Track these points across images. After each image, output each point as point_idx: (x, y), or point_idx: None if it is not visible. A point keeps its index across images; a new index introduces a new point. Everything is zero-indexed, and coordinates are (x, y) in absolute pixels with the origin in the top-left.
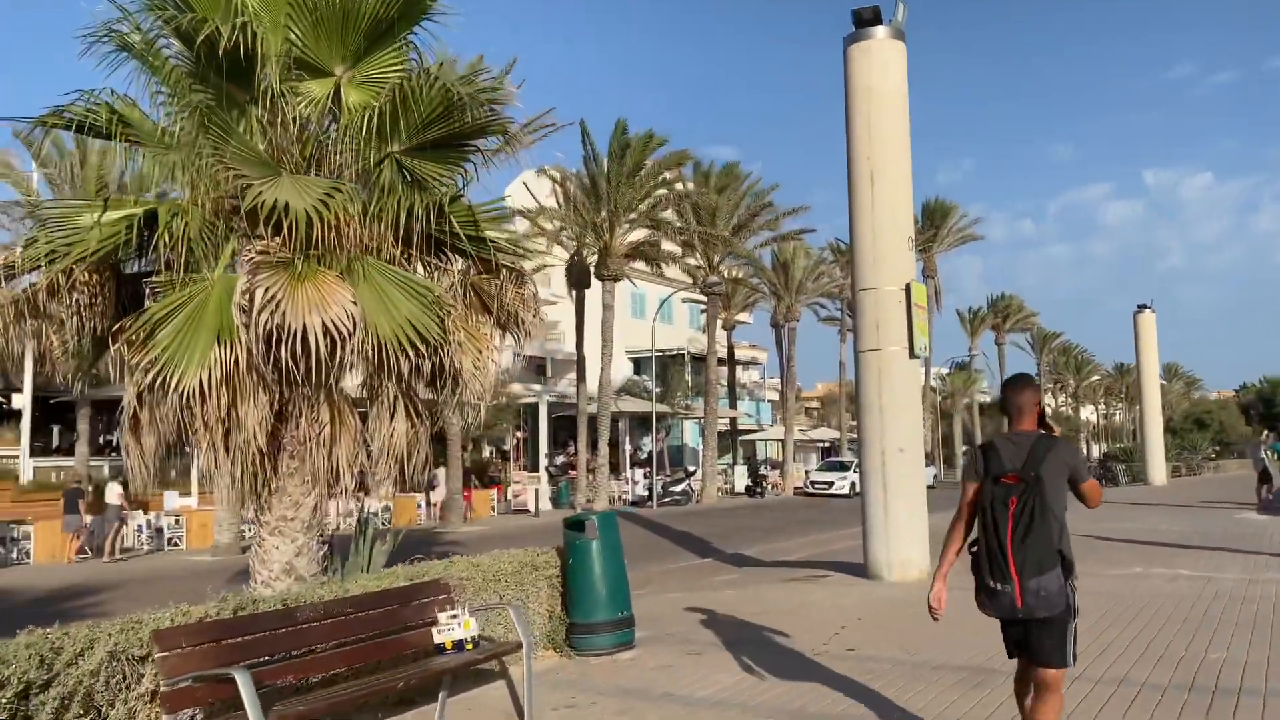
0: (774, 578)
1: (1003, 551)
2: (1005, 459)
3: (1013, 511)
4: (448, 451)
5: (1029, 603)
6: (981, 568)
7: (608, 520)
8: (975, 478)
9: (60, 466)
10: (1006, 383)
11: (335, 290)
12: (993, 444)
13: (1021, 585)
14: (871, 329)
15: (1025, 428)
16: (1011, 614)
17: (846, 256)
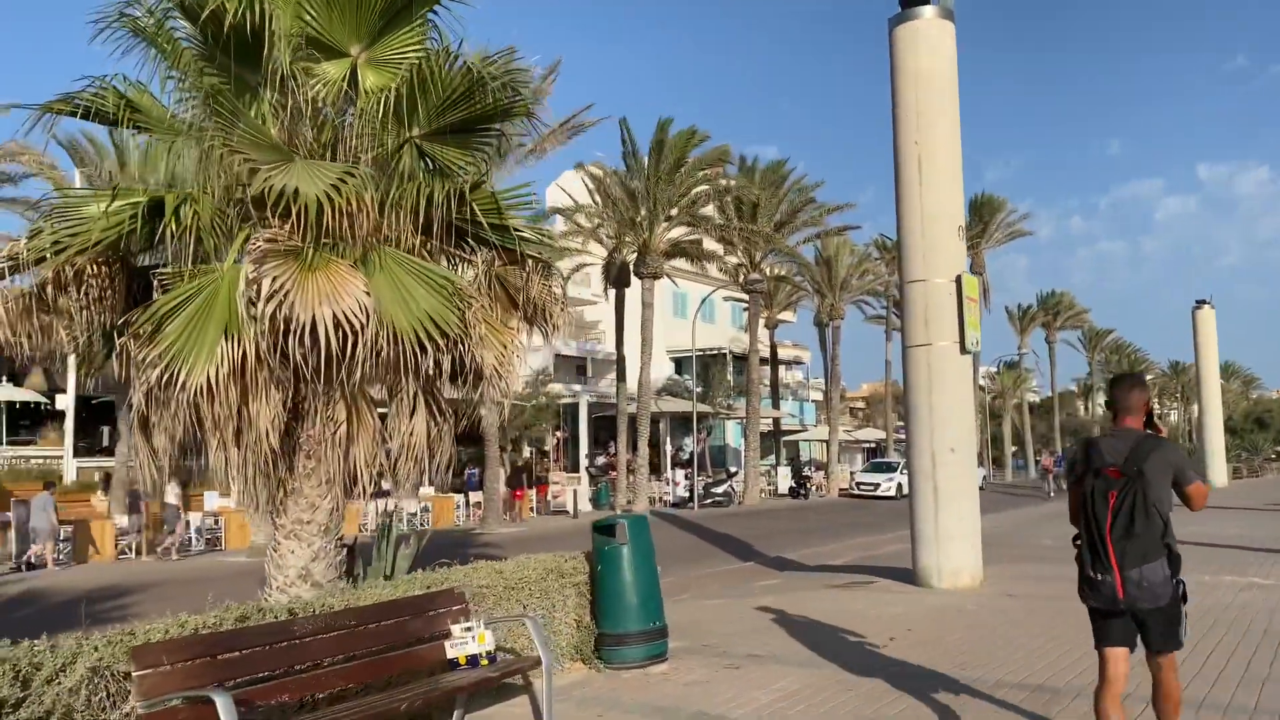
0: (817, 584)
1: (1103, 543)
2: (1107, 454)
3: (1112, 505)
4: (485, 452)
5: (1130, 593)
6: (1084, 559)
7: (638, 524)
8: (1077, 473)
9: (103, 466)
10: (1115, 380)
11: (348, 281)
12: (1095, 439)
13: (1122, 576)
14: (920, 323)
15: (1132, 425)
16: (1113, 604)
17: (892, 253)
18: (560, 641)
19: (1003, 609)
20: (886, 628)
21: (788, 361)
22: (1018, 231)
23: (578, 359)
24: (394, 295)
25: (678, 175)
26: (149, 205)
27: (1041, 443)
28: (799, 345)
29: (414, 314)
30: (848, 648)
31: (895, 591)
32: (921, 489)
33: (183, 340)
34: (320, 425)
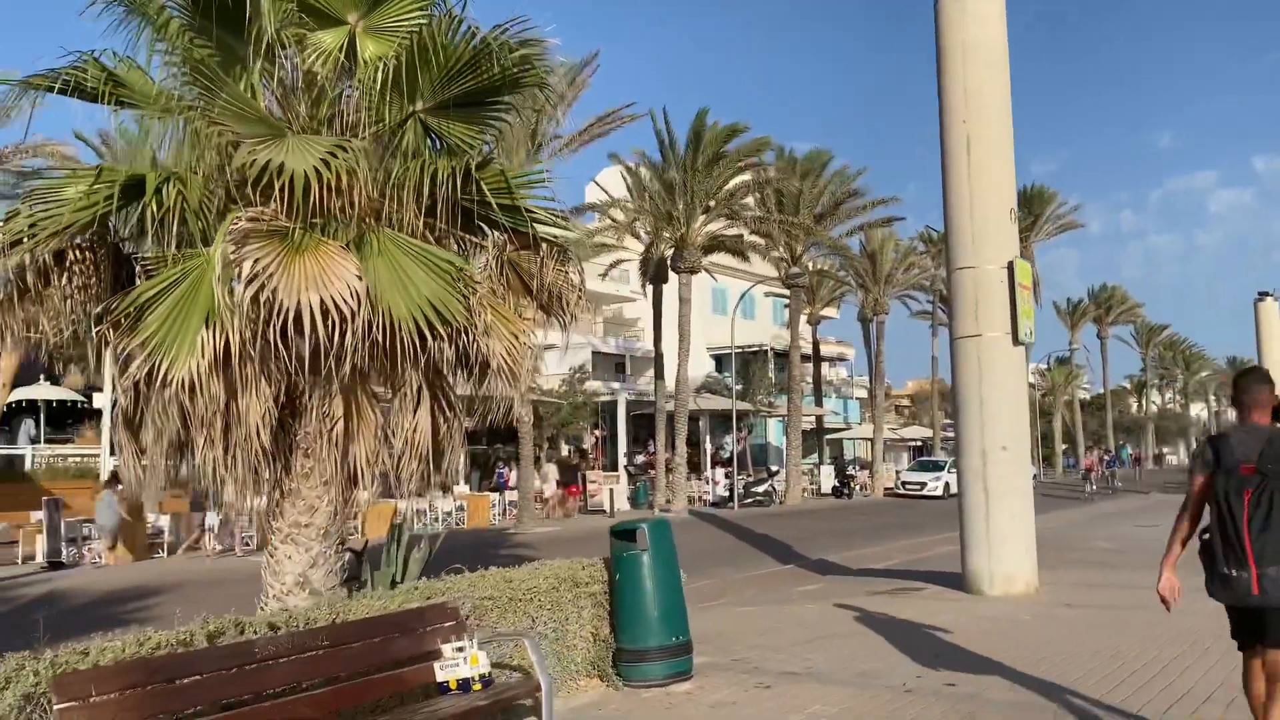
0: (860, 589)
1: (1239, 540)
2: (1239, 450)
3: (1248, 501)
4: (519, 450)
5: (1266, 589)
6: (1215, 555)
7: (660, 529)
8: (1205, 469)
9: None
10: (1241, 375)
11: (338, 263)
12: (1225, 435)
13: (1260, 572)
14: (969, 313)
15: (1260, 421)
16: (1245, 600)
17: (938, 245)
18: (575, 657)
19: (1061, 620)
20: (935, 641)
21: (831, 358)
22: (1068, 224)
23: (616, 356)
24: (392, 280)
25: (715, 167)
26: (129, 185)
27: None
28: (842, 342)
29: (413, 300)
30: (892, 664)
31: (944, 599)
32: (971, 489)
33: (165, 330)
34: (316, 421)
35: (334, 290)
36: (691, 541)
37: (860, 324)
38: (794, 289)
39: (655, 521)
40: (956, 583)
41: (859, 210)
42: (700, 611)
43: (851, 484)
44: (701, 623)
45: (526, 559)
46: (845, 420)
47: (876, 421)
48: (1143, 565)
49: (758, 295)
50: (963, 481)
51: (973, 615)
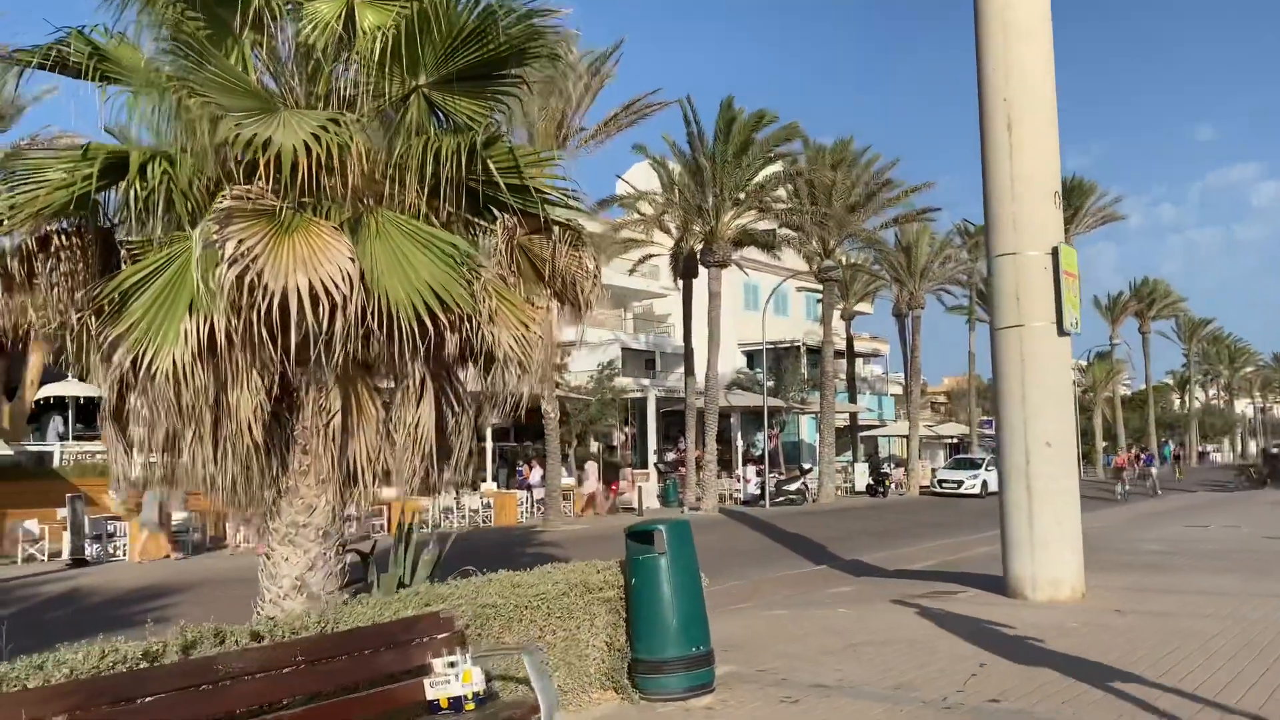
0: (895, 592)
1: None
2: None
3: None
4: (545, 447)
5: None
6: None
7: (679, 531)
8: None
9: None
10: None
11: (330, 245)
12: None
13: None
14: (1011, 302)
15: None
16: None
17: (975, 238)
18: (588, 668)
19: (1113, 628)
20: (975, 650)
21: (865, 354)
22: (1110, 215)
23: (646, 353)
24: (390, 263)
25: (744, 157)
26: (113, 165)
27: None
28: (877, 338)
29: (413, 285)
30: (931, 676)
31: (984, 604)
32: (1013, 488)
33: (149, 317)
34: (312, 415)
35: (324, 273)
36: (721, 541)
37: (895, 319)
38: (827, 283)
39: (674, 523)
40: (997, 586)
41: (893, 201)
42: (728, 615)
43: (886, 482)
44: (728, 627)
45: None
46: (880, 417)
47: (912, 418)
48: (1197, 568)
49: (790, 291)
50: (1004, 480)
51: (1016, 623)
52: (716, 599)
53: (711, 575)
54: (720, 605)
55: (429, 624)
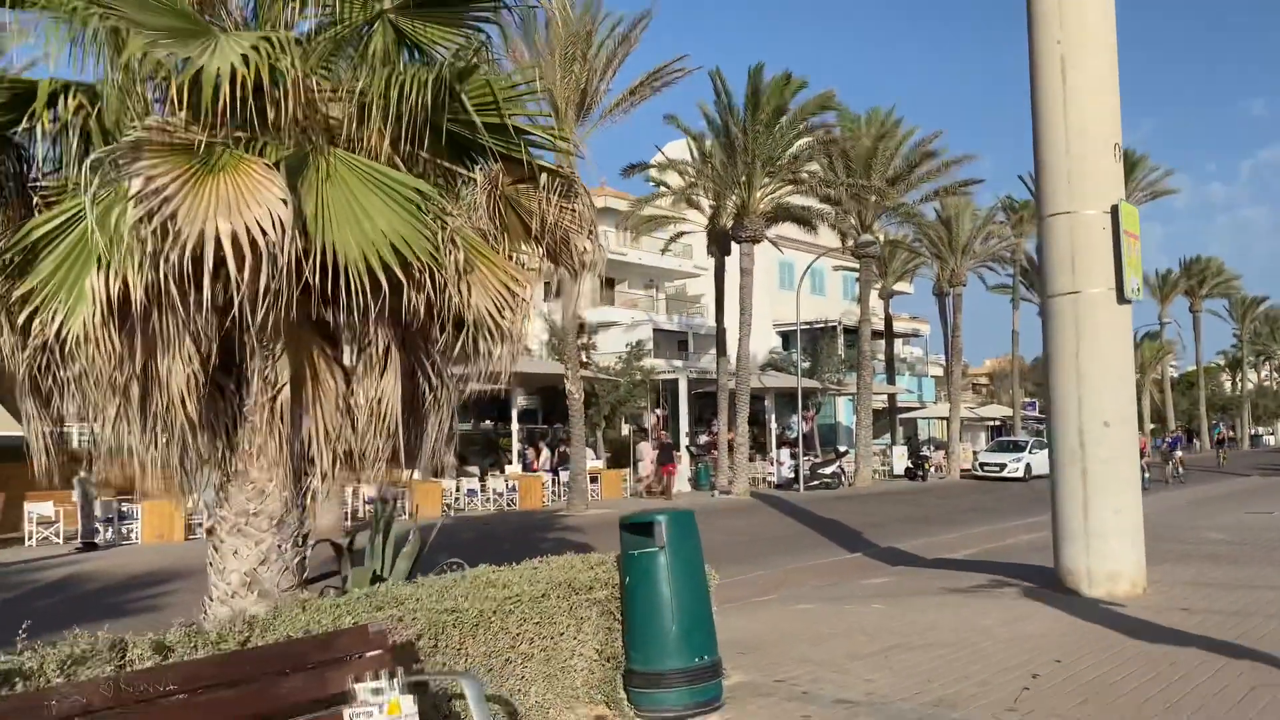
0: (935, 584)
1: None
2: None
3: None
4: (570, 429)
5: None
6: None
7: (682, 522)
8: None
9: None
10: None
11: (261, 185)
12: None
13: None
14: (1065, 266)
15: None
16: None
17: (1020, 213)
18: (572, 680)
19: (1183, 631)
20: (1026, 657)
21: (904, 334)
22: (1160, 190)
23: (679, 334)
24: (343, 211)
25: (777, 126)
26: (19, 95)
27: (1183, 420)
28: (916, 318)
29: (367, 235)
30: (974, 691)
31: (1033, 600)
32: (1067, 473)
33: (61, 274)
34: (257, 388)
35: (251, 217)
36: (751, 526)
37: (936, 298)
38: (864, 259)
39: (676, 513)
40: (1048, 579)
41: (934, 174)
42: (750, 608)
43: (926, 465)
44: (749, 623)
45: (568, 545)
46: (920, 399)
47: (953, 399)
48: (1267, 560)
49: (827, 269)
50: (1056, 465)
51: (1071, 623)
52: (740, 590)
53: (739, 563)
54: (744, 597)
55: (353, 640)
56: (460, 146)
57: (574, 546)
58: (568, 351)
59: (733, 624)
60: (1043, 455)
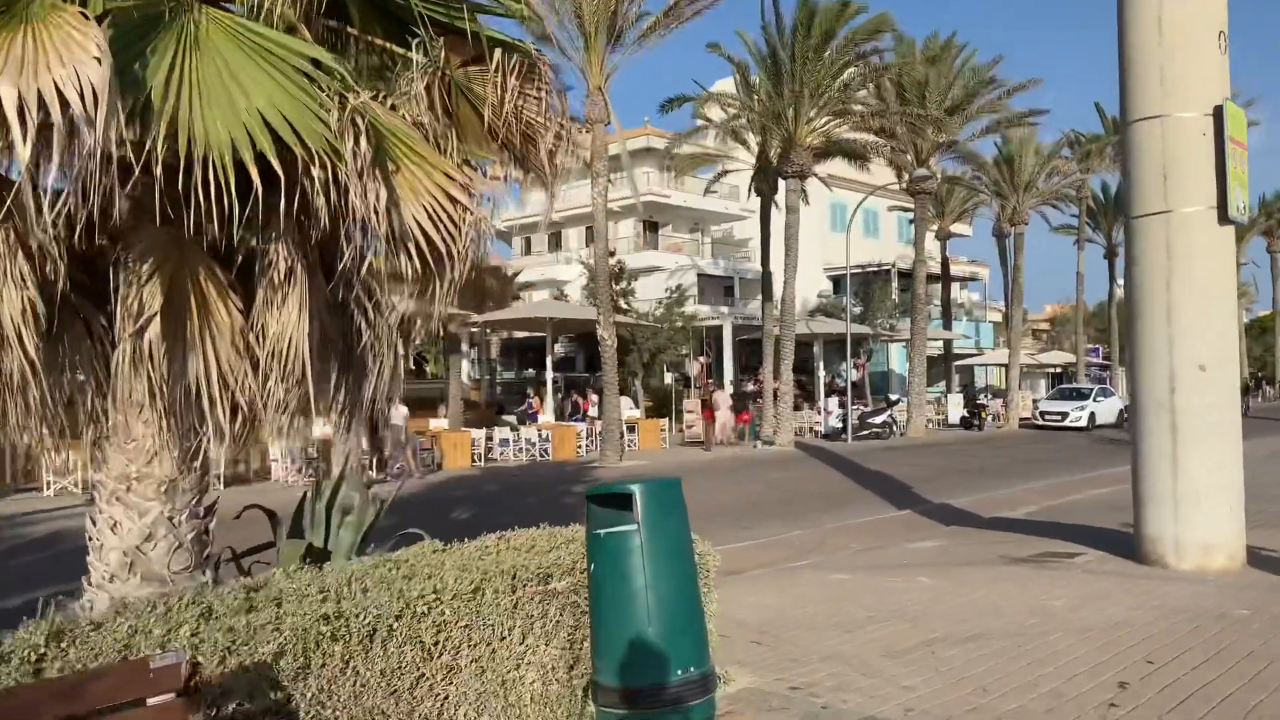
0: (991, 550)
1: None
2: None
3: None
4: (603, 376)
5: None
6: None
7: (663, 493)
8: None
9: None
10: None
11: (71, 40)
12: None
13: None
14: (1154, 181)
15: None
16: None
17: (1086, 146)
18: (519, 699)
19: None
20: (1107, 655)
21: (962, 278)
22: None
23: (724, 279)
24: (212, 85)
25: (826, 53)
26: None
27: (1257, 366)
28: (975, 261)
29: (239, 116)
30: (1042, 708)
31: (1110, 573)
32: (1152, 426)
33: None
34: (121, 319)
35: (48, 81)
36: (793, 479)
37: (995, 239)
38: (919, 196)
39: (659, 482)
40: (1123, 547)
41: (995, 105)
42: (778, 576)
43: (982, 414)
44: (773, 598)
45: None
46: (977, 345)
47: (1013, 345)
48: None
49: (881, 211)
50: (1140, 415)
51: (1157, 605)
52: (773, 553)
53: (776, 520)
54: (776, 561)
55: (122, 680)
56: (400, 23)
57: None
58: (600, 294)
59: (753, 599)
60: (1108, 404)
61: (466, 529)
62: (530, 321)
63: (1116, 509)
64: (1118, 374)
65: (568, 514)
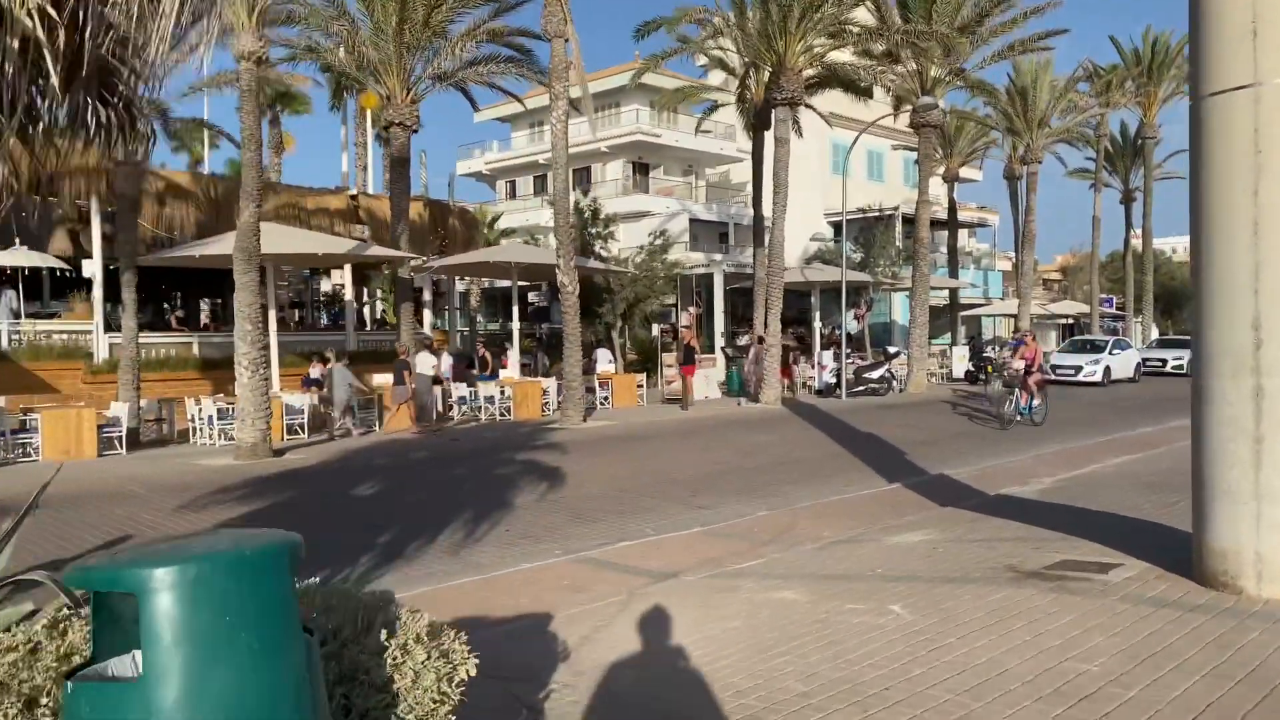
0: (994, 556)
1: None
2: None
3: None
4: (564, 326)
5: None
6: None
7: (233, 583)
8: None
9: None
10: None
11: None
12: None
13: None
14: (1236, 39)
15: None
16: None
17: (1106, 77)
18: None
19: None
20: None
21: (969, 224)
22: None
23: (719, 225)
24: None
25: None
26: None
27: None
28: (984, 207)
29: None
30: None
31: (1161, 605)
32: (1224, 390)
33: None
34: None
35: None
36: (773, 443)
37: (1006, 182)
38: (924, 130)
39: (222, 556)
40: (1170, 552)
41: (1009, 26)
42: (710, 587)
43: (989, 368)
44: (683, 628)
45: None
46: (985, 295)
47: (1023, 294)
48: None
49: (886, 152)
50: (1204, 376)
51: (1253, 674)
52: (720, 546)
53: (741, 495)
54: (720, 559)
55: None
56: None
57: (534, 474)
58: (559, 232)
59: (655, 634)
60: (1124, 357)
61: (327, 523)
62: (496, 268)
63: (1150, 488)
64: (1132, 325)
65: (493, 491)
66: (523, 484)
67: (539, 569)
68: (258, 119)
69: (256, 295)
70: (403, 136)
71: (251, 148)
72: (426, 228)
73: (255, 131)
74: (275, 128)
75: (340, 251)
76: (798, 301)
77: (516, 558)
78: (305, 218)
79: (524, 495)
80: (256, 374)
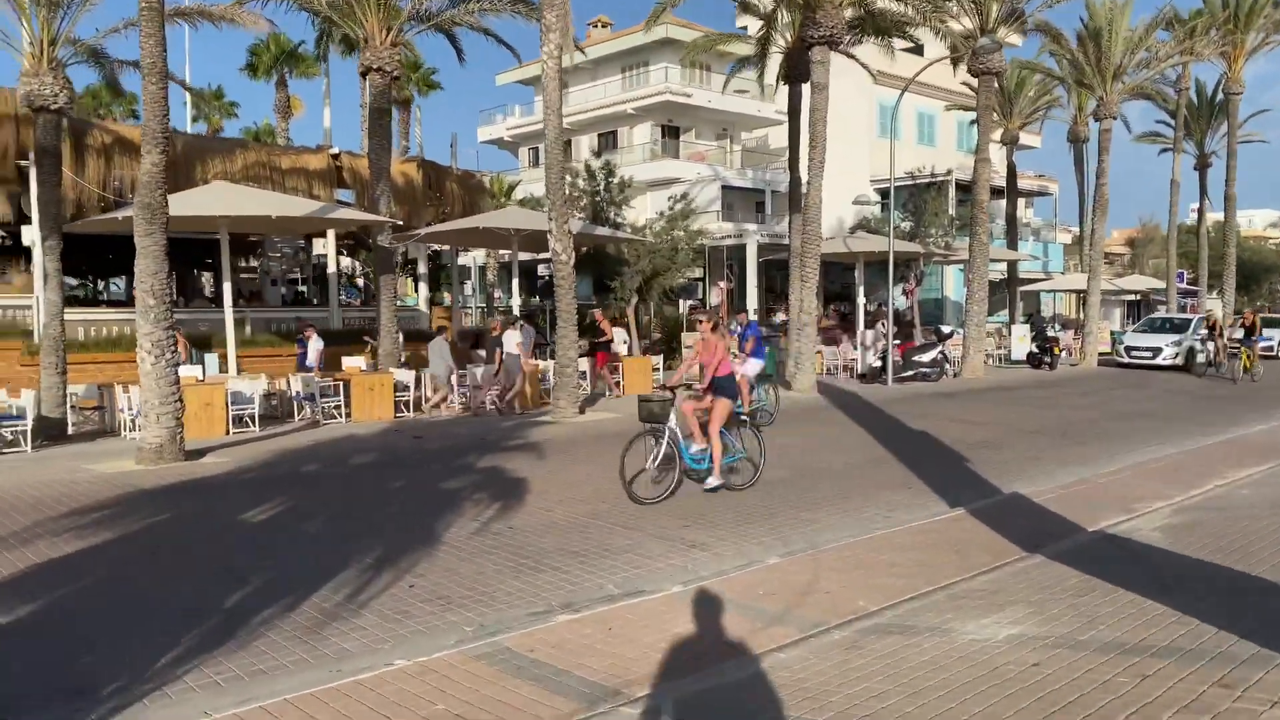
0: (1156, 687)
1: None
2: None
3: None
4: (557, 303)
5: None
6: None
7: None
8: None
9: (95, 320)
10: None
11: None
12: None
13: None
14: None
15: None
16: None
17: (1190, 23)
18: None
19: None
20: None
21: (1029, 193)
22: None
23: (755, 192)
24: None
25: None
26: None
27: None
28: (1044, 175)
29: None
30: None
31: None
32: None
33: None
34: None
35: None
36: (801, 445)
37: (1070, 145)
38: (983, 78)
39: None
40: None
41: None
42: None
43: (1054, 350)
44: None
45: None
46: (1045, 269)
47: (1093, 267)
48: None
49: (939, 114)
50: None
51: None
52: (712, 621)
53: (751, 527)
54: (696, 655)
55: None
56: None
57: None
58: (551, 190)
59: None
60: None
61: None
62: (493, 236)
63: None
64: (1205, 302)
65: (425, 514)
66: (467, 504)
67: (418, 672)
68: (162, 44)
69: (161, 263)
70: (382, 83)
71: (154, 80)
72: (421, 192)
73: (158, 60)
74: (282, 90)
75: (299, 214)
76: (841, 275)
77: (399, 642)
78: (280, 179)
79: (461, 523)
80: (161, 359)
